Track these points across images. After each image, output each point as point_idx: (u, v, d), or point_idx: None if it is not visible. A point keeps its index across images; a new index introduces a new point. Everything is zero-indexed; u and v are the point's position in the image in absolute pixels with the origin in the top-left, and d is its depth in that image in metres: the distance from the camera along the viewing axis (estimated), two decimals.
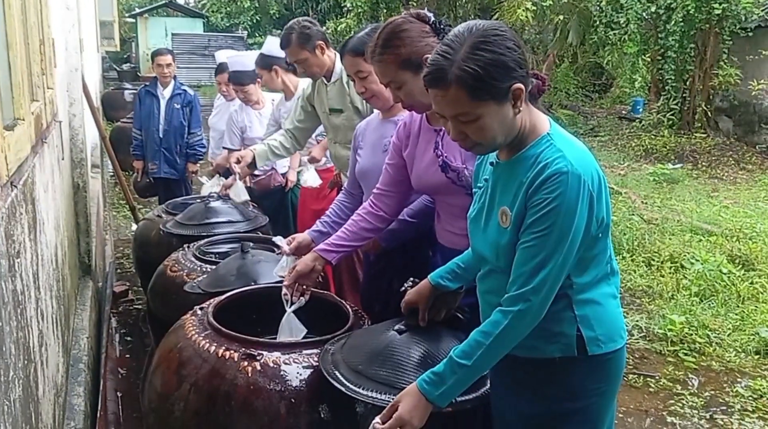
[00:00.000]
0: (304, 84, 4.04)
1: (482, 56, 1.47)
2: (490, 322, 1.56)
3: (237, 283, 2.55)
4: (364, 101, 2.91)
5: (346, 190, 2.70)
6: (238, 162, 3.39)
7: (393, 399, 1.64)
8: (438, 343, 1.88)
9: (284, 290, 2.26)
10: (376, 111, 2.65)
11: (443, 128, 2.10)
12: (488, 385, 1.79)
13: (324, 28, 17.17)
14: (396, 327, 1.93)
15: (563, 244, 1.50)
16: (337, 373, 1.84)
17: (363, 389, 1.76)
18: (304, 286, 2.27)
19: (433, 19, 2.05)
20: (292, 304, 2.26)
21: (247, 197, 3.39)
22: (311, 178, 3.85)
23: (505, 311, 1.54)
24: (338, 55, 3.28)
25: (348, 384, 1.79)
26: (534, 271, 1.52)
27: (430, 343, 1.87)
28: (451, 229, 2.15)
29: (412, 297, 1.96)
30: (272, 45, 4.20)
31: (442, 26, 2.05)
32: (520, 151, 1.60)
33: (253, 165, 3.45)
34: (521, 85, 1.50)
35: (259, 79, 4.38)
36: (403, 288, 2.01)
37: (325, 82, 3.31)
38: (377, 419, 1.60)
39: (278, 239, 2.57)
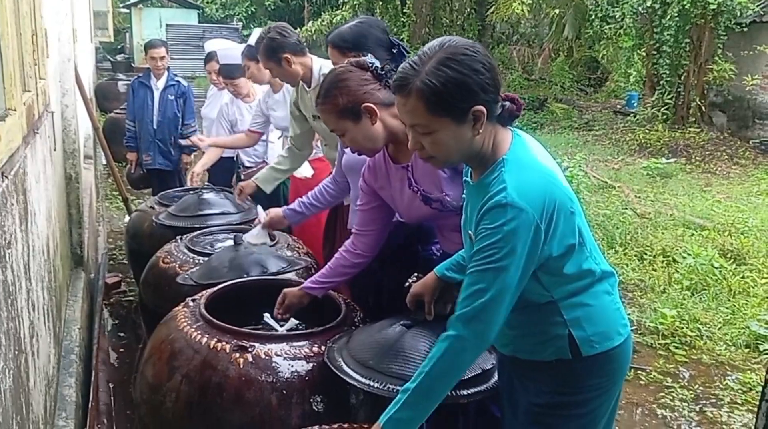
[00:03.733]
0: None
1: (445, 73, 1.48)
2: (435, 349, 1.57)
3: (229, 275, 2.55)
4: None
5: (333, 178, 2.76)
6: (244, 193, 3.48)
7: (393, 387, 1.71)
8: None
9: (267, 316, 2.31)
10: None
11: (410, 164, 2.13)
12: (480, 386, 1.83)
13: (319, 20, 17.09)
14: (403, 322, 1.95)
15: (501, 277, 1.49)
16: (346, 368, 1.86)
17: (377, 383, 1.78)
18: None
19: (375, 65, 2.10)
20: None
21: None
22: (303, 169, 3.85)
23: (446, 336, 1.56)
24: (314, 60, 3.27)
25: (360, 379, 1.81)
26: (472, 298, 1.52)
27: (436, 335, 1.89)
28: (453, 240, 2.17)
29: (418, 289, 1.99)
30: None
31: (383, 72, 2.09)
32: (482, 176, 1.60)
33: (261, 191, 3.46)
34: (482, 108, 1.50)
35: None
36: (408, 283, 2.03)
37: (306, 88, 3.27)
38: None
39: (259, 209, 2.63)
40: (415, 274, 2.08)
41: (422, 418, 1.57)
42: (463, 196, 1.79)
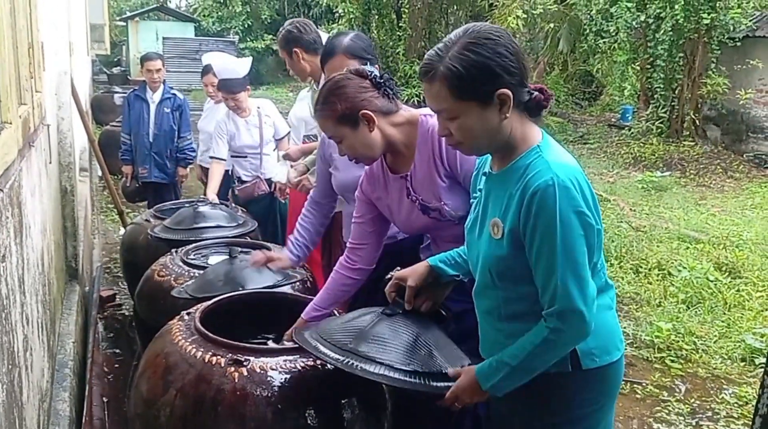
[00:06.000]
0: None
1: (468, 57, 1.51)
2: (534, 331, 1.56)
3: (225, 289, 2.54)
4: None
5: (313, 200, 2.74)
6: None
7: (384, 373, 1.69)
8: (425, 327, 1.88)
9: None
10: None
11: (409, 173, 2.13)
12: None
13: None
14: (383, 310, 1.92)
15: (571, 257, 1.49)
16: (321, 347, 1.83)
17: (353, 361, 1.75)
18: None
19: (374, 73, 2.11)
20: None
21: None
22: (281, 174, 4.01)
23: (546, 327, 1.54)
24: None
25: (336, 356, 1.78)
26: (555, 290, 1.51)
27: (417, 325, 1.87)
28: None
29: (405, 273, 1.92)
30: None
31: (381, 80, 2.10)
32: (511, 162, 1.60)
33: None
34: (507, 92, 1.51)
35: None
36: (390, 275, 2.02)
37: (315, 88, 3.33)
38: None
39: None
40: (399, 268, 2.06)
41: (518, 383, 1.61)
42: (474, 195, 1.77)
